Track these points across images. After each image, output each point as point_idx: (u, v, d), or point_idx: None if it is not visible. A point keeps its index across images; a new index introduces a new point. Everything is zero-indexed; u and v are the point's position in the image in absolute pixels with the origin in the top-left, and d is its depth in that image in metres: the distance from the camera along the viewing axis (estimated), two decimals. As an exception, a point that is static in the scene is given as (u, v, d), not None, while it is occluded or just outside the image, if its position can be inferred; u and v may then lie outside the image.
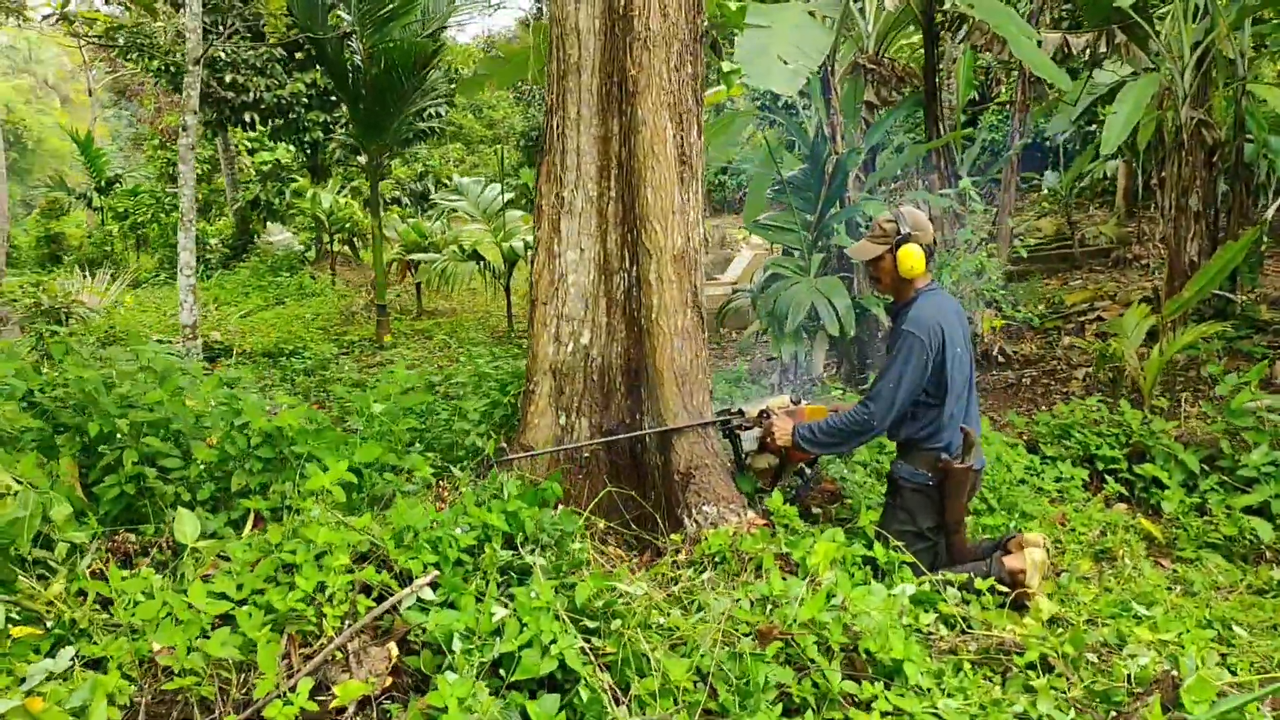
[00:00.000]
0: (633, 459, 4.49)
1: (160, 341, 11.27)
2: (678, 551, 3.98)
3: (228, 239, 19.88)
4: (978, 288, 7.84)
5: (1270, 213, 6.55)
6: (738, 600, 3.44)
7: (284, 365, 9.89)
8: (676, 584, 3.76)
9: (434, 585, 3.30)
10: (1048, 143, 16.77)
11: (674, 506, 4.16)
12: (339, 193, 16.37)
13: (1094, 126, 14.86)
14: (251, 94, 17.04)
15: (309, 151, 18.59)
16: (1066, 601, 3.86)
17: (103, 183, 23.06)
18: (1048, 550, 4.03)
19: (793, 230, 7.83)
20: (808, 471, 4.65)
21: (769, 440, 4.25)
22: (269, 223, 20.26)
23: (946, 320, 4.00)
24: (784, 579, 3.63)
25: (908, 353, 3.94)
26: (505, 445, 4.54)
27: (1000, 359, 8.32)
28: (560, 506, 3.79)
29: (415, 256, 11.95)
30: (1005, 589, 3.84)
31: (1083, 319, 8.86)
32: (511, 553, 3.50)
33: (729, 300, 8.19)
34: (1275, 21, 8.79)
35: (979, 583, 3.78)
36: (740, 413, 4.46)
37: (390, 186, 16.99)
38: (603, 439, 4.41)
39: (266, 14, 11.64)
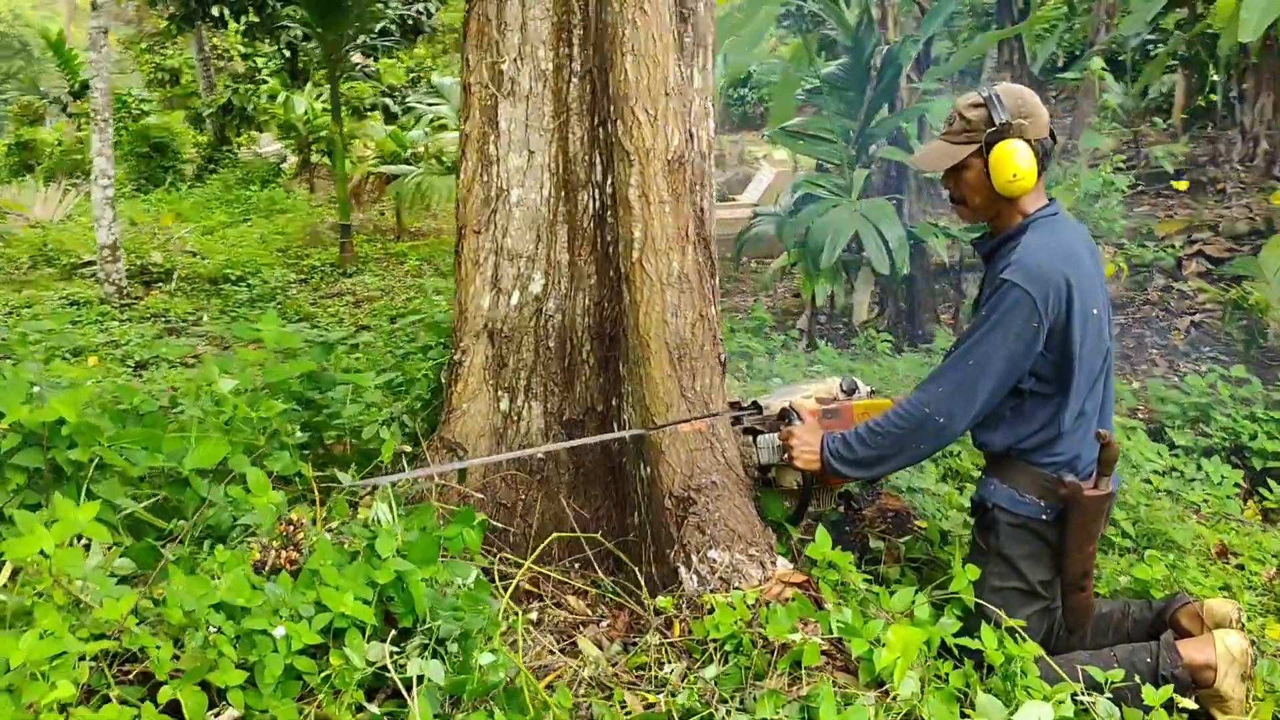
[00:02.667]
0: (607, 458, 3.07)
1: (89, 264, 9.87)
2: (668, 624, 2.57)
3: (204, 149, 18.30)
4: (1092, 217, 6.24)
5: None
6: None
7: (227, 294, 8.47)
8: (662, 688, 2.36)
9: (237, 727, 1.92)
10: (1119, 55, 14.96)
11: (664, 546, 2.74)
12: (317, 98, 14.74)
13: (1154, 34, 13.05)
14: (221, -15, 15.36)
15: (287, 52, 16.93)
16: (1281, 721, 2.45)
17: (76, 86, 21.42)
18: (1243, 626, 2.61)
19: (829, 140, 6.28)
20: (862, 496, 3.20)
21: (787, 459, 2.80)
22: (259, 132, 18.67)
23: (1076, 265, 2.52)
24: (837, 692, 2.23)
25: (1006, 315, 2.46)
26: (420, 441, 3.11)
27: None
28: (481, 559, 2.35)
29: (388, 169, 10.42)
30: (1183, 699, 2.43)
31: (1178, 255, 7.30)
32: (393, 651, 2.10)
33: (749, 226, 6.68)
34: None
35: (1149, 693, 2.36)
36: (756, 406, 3.01)
37: (373, 90, 15.37)
38: (564, 443, 2.97)
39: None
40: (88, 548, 2.26)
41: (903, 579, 2.98)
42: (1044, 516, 2.58)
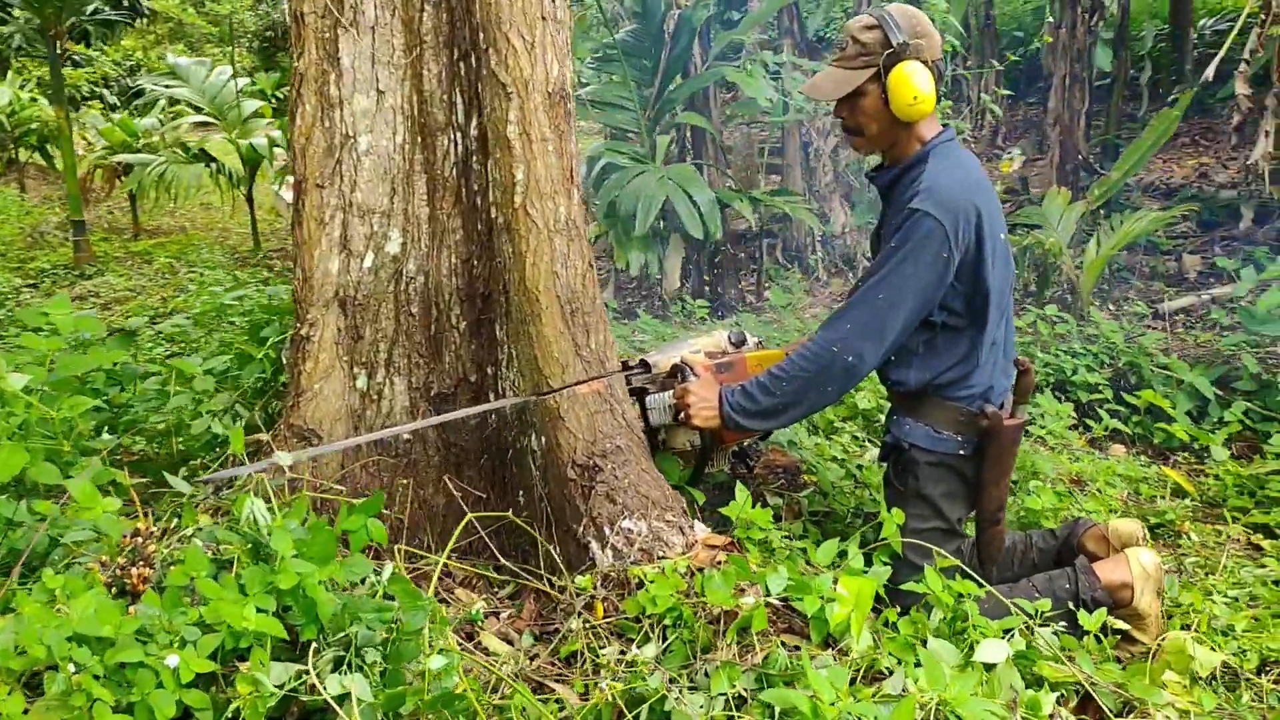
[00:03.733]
0: (483, 436, 2.75)
1: None
2: (588, 606, 2.31)
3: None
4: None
5: (1210, 71, 5.47)
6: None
7: (-61, 307, 7.34)
8: (598, 672, 2.11)
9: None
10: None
11: (569, 521, 2.47)
12: (22, 88, 13.14)
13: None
14: (-109, -39, 13.43)
15: (-21, 37, 15.04)
16: (1208, 634, 2.48)
17: None
18: (1148, 542, 2.65)
19: (627, 108, 6.13)
20: (751, 452, 3.04)
21: (684, 418, 2.63)
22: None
23: (982, 192, 2.49)
24: (793, 655, 2.06)
25: (917, 246, 2.38)
26: (262, 431, 2.68)
27: (867, 261, 7.02)
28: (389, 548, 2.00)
29: (125, 158, 9.39)
30: (1115, 620, 2.43)
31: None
32: (299, 670, 1.74)
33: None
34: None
35: (1084, 618, 2.34)
36: (644, 365, 2.82)
37: (88, 76, 13.88)
38: (441, 417, 2.64)
39: None
40: None
41: (806, 534, 2.86)
42: (961, 452, 2.52)
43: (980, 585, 2.26)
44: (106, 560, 2.00)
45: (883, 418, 3.65)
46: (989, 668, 2.08)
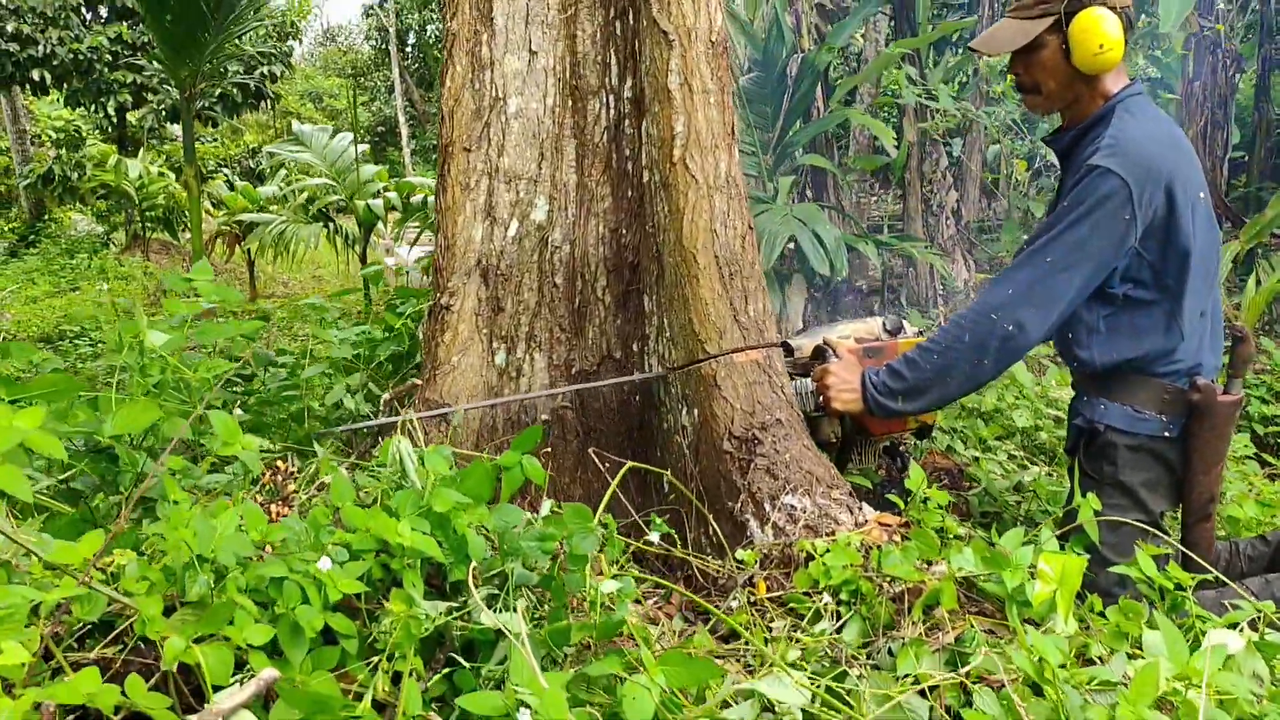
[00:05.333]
0: (626, 419, 2.58)
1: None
2: (749, 581, 2.09)
3: (19, 226, 16.82)
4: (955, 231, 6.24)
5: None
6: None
7: (65, 350, 7.54)
8: (749, 642, 1.88)
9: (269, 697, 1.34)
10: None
11: (724, 498, 2.27)
12: (151, 163, 13.74)
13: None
14: (42, 47, 14.35)
15: (114, 119, 15.88)
16: None
17: None
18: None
19: (748, 152, 6.05)
20: (904, 448, 2.80)
21: (823, 402, 2.42)
22: (70, 210, 17.26)
23: (1177, 149, 2.24)
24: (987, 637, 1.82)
25: (1094, 206, 2.14)
26: (396, 411, 2.56)
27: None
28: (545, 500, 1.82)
29: (247, 217, 9.65)
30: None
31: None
32: (449, 608, 1.55)
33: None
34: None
35: (1322, 617, 2.03)
36: (786, 347, 2.62)
37: (214, 152, 14.46)
38: (586, 384, 2.48)
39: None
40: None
41: (975, 535, 2.60)
42: (1166, 434, 2.25)
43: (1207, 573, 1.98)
44: (248, 496, 1.88)
45: (1042, 435, 3.39)
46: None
